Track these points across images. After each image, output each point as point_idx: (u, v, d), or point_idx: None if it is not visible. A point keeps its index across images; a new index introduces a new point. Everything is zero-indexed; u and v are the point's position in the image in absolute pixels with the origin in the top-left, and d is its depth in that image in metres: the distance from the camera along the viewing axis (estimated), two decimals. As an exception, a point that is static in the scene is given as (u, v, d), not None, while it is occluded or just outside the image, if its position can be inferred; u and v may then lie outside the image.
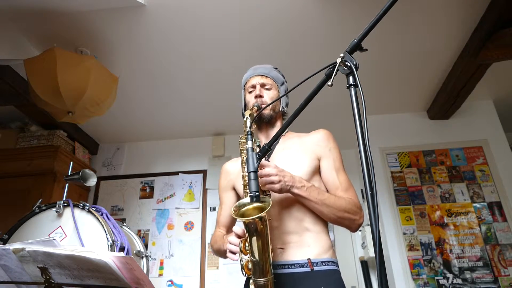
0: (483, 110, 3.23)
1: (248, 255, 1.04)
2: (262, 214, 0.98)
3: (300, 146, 1.34)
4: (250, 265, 1.05)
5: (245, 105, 1.48)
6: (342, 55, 0.85)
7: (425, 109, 3.31)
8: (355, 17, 2.22)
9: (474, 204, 2.93)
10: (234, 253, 1.09)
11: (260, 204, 1.02)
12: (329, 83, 0.88)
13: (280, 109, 1.45)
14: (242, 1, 2.12)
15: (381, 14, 0.82)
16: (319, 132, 1.38)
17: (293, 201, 1.23)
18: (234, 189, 1.45)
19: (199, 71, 2.70)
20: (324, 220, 1.27)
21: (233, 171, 1.46)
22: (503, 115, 3.25)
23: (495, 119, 3.19)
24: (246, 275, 1.08)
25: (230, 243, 1.11)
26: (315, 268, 1.16)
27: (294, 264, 1.17)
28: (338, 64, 0.86)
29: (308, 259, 1.17)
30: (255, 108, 1.32)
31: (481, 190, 2.97)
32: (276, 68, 1.51)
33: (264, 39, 2.41)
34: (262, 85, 1.43)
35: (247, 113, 1.25)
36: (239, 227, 1.13)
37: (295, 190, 1.14)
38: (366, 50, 0.85)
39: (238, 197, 1.44)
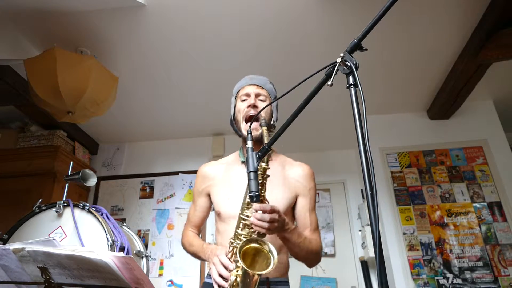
0: (483, 110, 3.22)
1: (237, 269, 1.08)
2: (267, 270, 1.01)
3: (283, 179, 1.37)
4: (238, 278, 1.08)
5: (235, 112, 1.45)
6: (342, 54, 0.85)
7: (425, 109, 3.31)
8: (355, 17, 2.22)
9: (474, 204, 2.93)
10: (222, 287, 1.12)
11: (267, 253, 1.06)
12: (329, 83, 0.88)
13: (272, 123, 1.44)
14: (242, 1, 2.12)
15: (381, 14, 0.82)
16: (303, 169, 1.41)
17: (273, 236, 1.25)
18: (208, 195, 1.45)
19: (199, 71, 2.70)
20: None
21: (212, 177, 1.45)
22: (503, 115, 3.25)
23: (495, 119, 3.18)
24: None
25: (220, 275, 1.12)
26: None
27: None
28: (338, 63, 0.86)
29: (267, 278, 1.25)
30: (265, 128, 1.22)
31: (481, 190, 2.97)
32: (271, 82, 1.50)
33: (264, 39, 2.41)
34: (257, 95, 1.41)
35: (264, 130, 1.20)
36: (224, 256, 1.14)
37: (283, 233, 1.18)
38: (366, 50, 0.85)
39: (210, 203, 1.46)
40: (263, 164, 1.17)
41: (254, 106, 1.37)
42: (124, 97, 2.88)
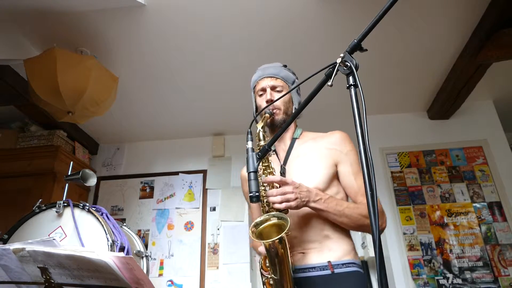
0: (483, 110, 3.22)
1: (269, 273, 1.05)
2: (282, 235, 0.97)
3: (316, 152, 1.31)
4: (271, 282, 1.05)
5: (257, 108, 1.43)
6: (342, 55, 0.85)
7: (425, 109, 3.31)
8: (355, 17, 2.22)
9: (474, 204, 2.93)
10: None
11: (279, 220, 1.02)
12: (329, 83, 0.88)
13: (293, 111, 1.39)
14: (242, 1, 2.12)
15: (381, 14, 0.82)
16: (334, 135, 1.34)
17: (311, 211, 1.21)
18: None
19: (199, 71, 2.70)
20: None
21: None
22: (503, 115, 3.25)
23: (495, 119, 3.19)
24: None
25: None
26: (336, 271, 1.15)
27: (314, 268, 1.17)
28: (338, 64, 0.86)
29: (329, 261, 1.17)
30: (267, 115, 1.29)
31: (481, 190, 2.97)
32: (285, 66, 1.45)
33: (264, 39, 2.40)
34: (273, 88, 1.38)
35: (259, 125, 1.24)
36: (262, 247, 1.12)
37: (312, 204, 1.13)
38: (366, 50, 0.85)
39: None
40: (262, 143, 1.18)
41: (272, 101, 1.34)
42: (124, 97, 2.88)
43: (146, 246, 2.89)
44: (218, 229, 3.20)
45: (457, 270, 2.74)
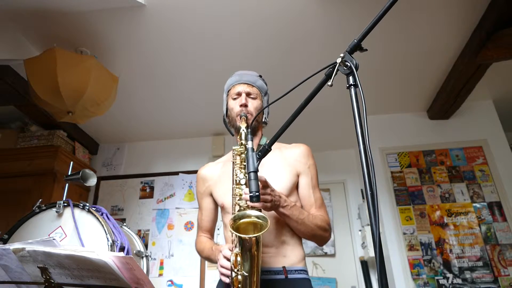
0: (483, 110, 3.23)
1: (238, 269, 1.07)
2: (262, 232, 0.99)
3: (282, 160, 1.38)
4: (240, 278, 1.07)
5: (227, 110, 1.48)
6: (342, 55, 0.85)
7: (425, 109, 3.31)
8: (355, 17, 2.22)
9: (474, 204, 2.93)
10: (227, 276, 1.13)
11: (258, 220, 1.04)
12: (329, 83, 0.88)
13: (263, 120, 1.48)
14: (242, 1, 2.12)
15: (381, 14, 0.82)
16: (300, 148, 1.42)
17: (275, 217, 1.25)
18: (211, 195, 1.46)
19: (199, 71, 2.70)
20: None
21: (210, 177, 1.47)
22: (503, 115, 3.25)
23: (495, 119, 3.19)
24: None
25: (222, 267, 1.15)
26: (289, 276, 1.22)
27: (269, 271, 1.22)
28: (338, 64, 0.86)
29: (283, 267, 1.23)
30: (244, 118, 1.34)
31: (481, 190, 2.97)
32: (261, 76, 1.51)
33: (264, 39, 2.41)
34: (248, 94, 1.43)
35: (243, 125, 1.29)
36: (227, 249, 1.15)
37: (281, 209, 1.18)
38: (366, 50, 0.85)
39: (215, 203, 1.46)
40: (243, 142, 1.24)
41: (245, 106, 1.40)
42: (124, 97, 2.88)
43: (146, 246, 2.89)
44: (218, 229, 3.21)
45: (457, 270, 2.74)
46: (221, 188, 1.40)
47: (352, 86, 0.81)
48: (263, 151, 1.11)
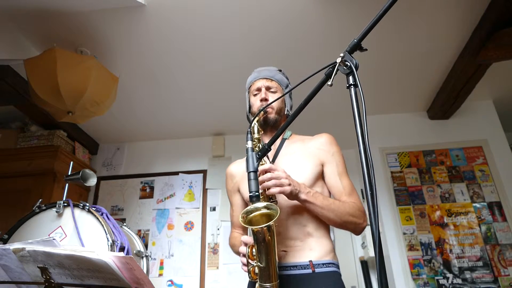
0: (483, 110, 3.22)
1: (255, 261, 1.05)
2: (271, 223, 0.98)
3: (304, 151, 1.35)
4: (256, 270, 1.06)
5: (250, 107, 1.48)
6: (342, 55, 0.85)
7: (425, 109, 3.31)
8: (355, 17, 2.22)
9: (474, 204, 2.93)
10: (244, 264, 1.12)
11: (268, 211, 1.02)
12: (329, 83, 0.88)
13: (285, 112, 1.46)
14: (242, 1, 2.12)
15: (381, 14, 0.82)
16: (322, 137, 1.39)
17: (297, 207, 1.23)
18: (239, 191, 1.46)
19: (199, 71, 2.70)
20: (326, 225, 1.28)
21: (237, 173, 1.47)
22: (503, 115, 3.25)
23: (495, 119, 3.19)
24: (252, 279, 1.09)
25: (242, 262, 1.14)
26: (317, 270, 1.18)
27: (296, 266, 1.19)
28: (338, 64, 0.86)
29: (310, 261, 1.19)
30: (262, 112, 1.33)
31: (481, 190, 2.97)
32: (280, 71, 1.51)
33: (264, 39, 2.41)
34: (267, 88, 1.43)
35: (255, 119, 1.27)
36: (243, 246, 1.13)
37: (303, 196, 1.14)
38: (366, 50, 0.85)
39: (244, 199, 1.45)
40: (255, 135, 1.22)
41: (266, 100, 1.40)
42: (124, 97, 2.88)
43: (146, 246, 2.89)
44: (218, 229, 3.21)
45: (457, 270, 2.74)
46: (246, 183, 1.40)
47: (352, 86, 0.81)
48: (263, 151, 1.12)
